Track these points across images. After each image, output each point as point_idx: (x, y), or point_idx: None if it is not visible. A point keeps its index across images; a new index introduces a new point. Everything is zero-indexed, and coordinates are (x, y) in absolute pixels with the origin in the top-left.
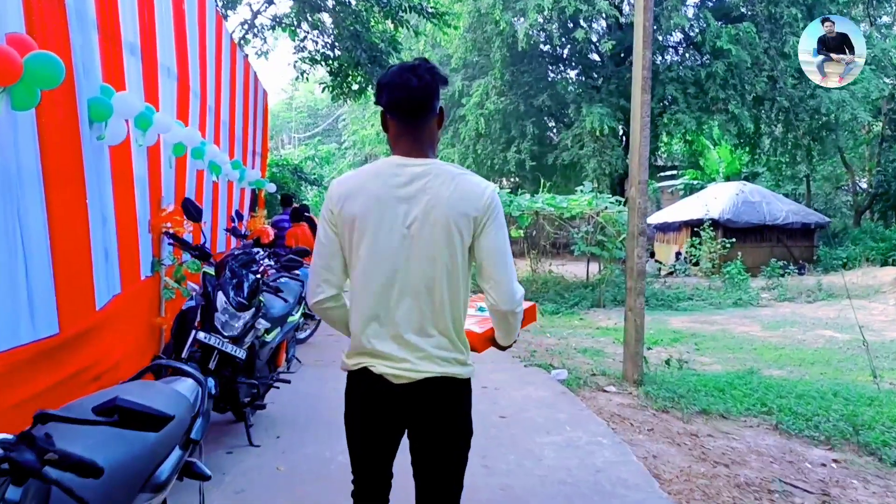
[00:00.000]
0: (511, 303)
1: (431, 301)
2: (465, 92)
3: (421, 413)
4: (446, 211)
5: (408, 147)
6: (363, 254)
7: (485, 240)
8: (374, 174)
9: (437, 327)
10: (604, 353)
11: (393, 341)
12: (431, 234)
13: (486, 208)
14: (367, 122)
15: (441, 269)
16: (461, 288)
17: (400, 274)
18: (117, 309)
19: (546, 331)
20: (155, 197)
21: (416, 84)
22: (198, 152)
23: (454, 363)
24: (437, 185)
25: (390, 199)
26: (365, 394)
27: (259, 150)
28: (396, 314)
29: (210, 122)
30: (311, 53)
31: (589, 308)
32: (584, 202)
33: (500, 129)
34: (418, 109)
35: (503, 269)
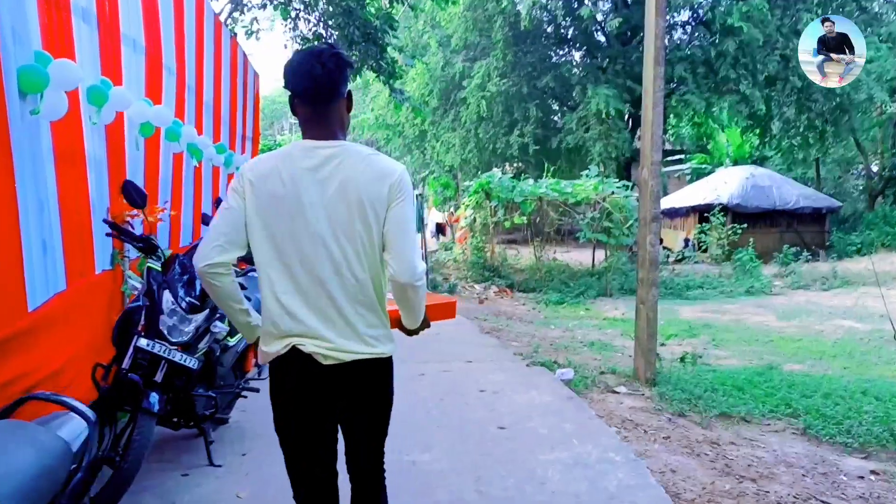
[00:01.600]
0: (411, 274)
1: (353, 278)
2: (465, 74)
3: (351, 393)
4: (360, 189)
5: (317, 131)
6: (279, 233)
7: (395, 215)
8: (286, 156)
9: (359, 304)
10: (612, 347)
11: (318, 321)
12: (347, 212)
13: (399, 186)
14: (365, 106)
15: (359, 247)
16: (379, 265)
17: (319, 253)
18: (61, 308)
19: (550, 322)
20: (116, 181)
21: (320, 71)
22: (172, 133)
23: (380, 341)
24: (349, 166)
25: (304, 180)
26: (297, 375)
27: (250, 134)
28: (318, 294)
29: (190, 103)
30: (303, 32)
31: (595, 297)
32: (590, 187)
33: (503, 112)
34: (324, 95)
35: (403, 239)
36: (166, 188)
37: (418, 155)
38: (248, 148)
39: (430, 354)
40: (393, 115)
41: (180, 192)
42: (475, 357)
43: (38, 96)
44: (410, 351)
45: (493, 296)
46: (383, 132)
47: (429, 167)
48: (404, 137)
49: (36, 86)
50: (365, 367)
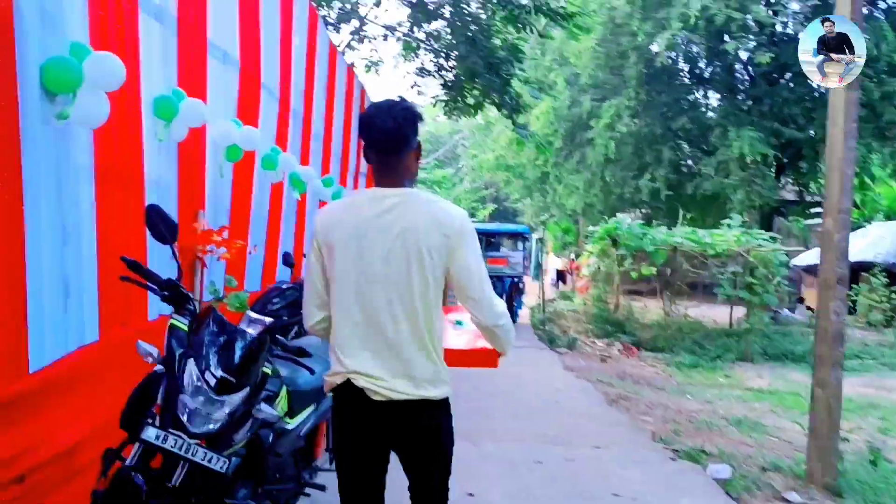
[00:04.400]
0: (494, 317)
1: (409, 322)
2: (593, 113)
3: (401, 432)
4: (418, 237)
5: (385, 180)
6: (343, 279)
7: (459, 262)
8: (352, 205)
9: (415, 347)
10: (764, 428)
11: (372, 359)
12: (405, 259)
13: (458, 233)
14: (487, 147)
15: (417, 292)
16: (435, 309)
17: (379, 297)
18: (85, 365)
19: (685, 390)
20: (188, 211)
21: (391, 125)
22: (268, 161)
23: (432, 384)
24: (410, 213)
25: (367, 228)
26: (349, 407)
27: (364, 170)
28: (374, 335)
29: (295, 131)
30: (423, 64)
31: (734, 362)
32: (732, 238)
33: (633, 154)
34: (394, 147)
35: (473, 283)
36: (259, 223)
37: (539, 198)
38: (362, 184)
39: (549, 429)
40: (514, 156)
41: (278, 228)
42: (603, 440)
43: (70, 96)
44: (526, 422)
45: (616, 354)
46: (503, 173)
47: (549, 210)
48: (525, 179)
49: (66, 84)
50: (416, 407)
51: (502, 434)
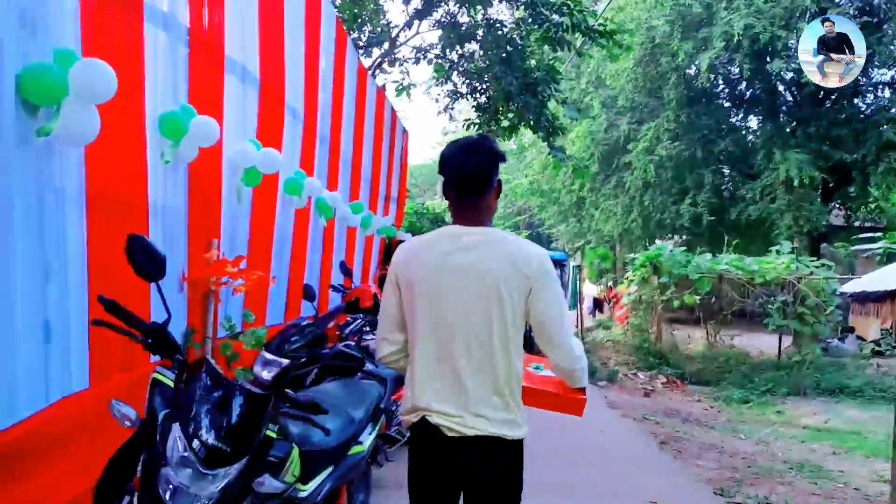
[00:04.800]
0: (572, 360)
1: (485, 361)
2: (631, 136)
3: (473, 469)
4: (496, 276)
5: (465, 218)
6: (420, 316)
7: (538, 303)
8: (432, 242)
9: (490, 387)
10: (828, 474)
11: (448, 398)
12: (483, 298)
13: (537, 273)
14: (520, 172)
15: (495, 332)
16: (513, 349)
17: (455, 335)
18: (75, 416)
19: (737, 429)
20: (199, 239)
21: (475, 164)
22: (293, 185)
23: (506, 424)
24: (490, 252)
25: (446, 265)
26: (424, 444)
27: (395, 195)
28: (449, 373)
29: (322, 155)
30: (456, 86)
31: (786, 396)
32: (781, 266)
33: (672, 178)
34: (475, 186)
35: (553, 326)
36: (282, 252)
37: (574, 223)
38: (393, 210)
39: (598, 480)
40: (549, 181)
41: (303, 257)
42: (659, 493)
43: (53, 109)
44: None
45: (660, 387)
46: (537, 199)
47: (584, 236)
48: (560, 204)
49: (48, 95)
50: (489, 444)
51: (546, 487)
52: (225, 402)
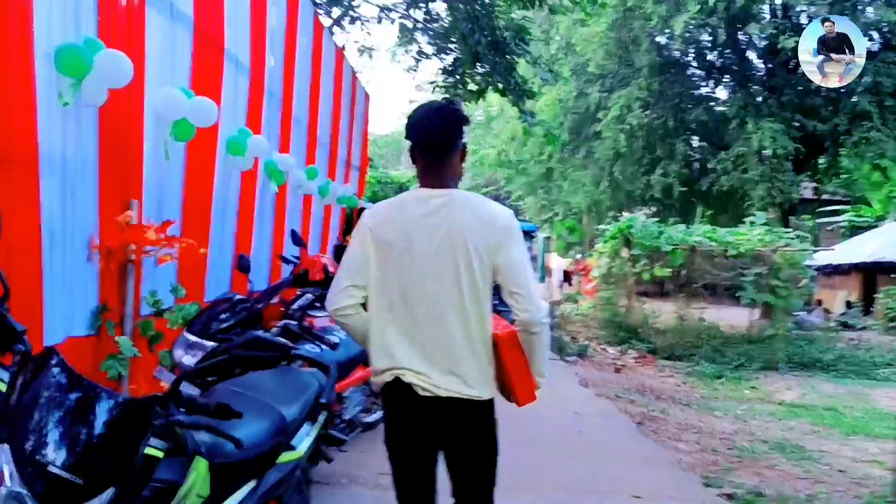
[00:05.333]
0: (537, 313)
1: (457, 321)
2: (602, 105)
3: (447, 430)
4: (465, 236)
5: (432, 181)
6: (389, 278)
7: (504, 258)
8: (400, 205)
9: (462, 346)
10: (810, 455)
11: (420, 357)
12: (452, 258)
13: (503, 229)
14: (487, 143)
15: (463, 292)
16: (484, 308)
17: (424, 296)
18: None
19: (712, 406)
20: (114, 200)
21: (439, 127)
22: (236, 144)
23: (479, 384)
24: (456, 213)
25: (416, 227)
26: (398, 404)
27: (356, 162)
28: (420, 333)
29: (271, 112)
30: (420, 47)
31: (759, 371)
32: (756, 237)
33: (643, 148)
34: (441, 148)
35: (520, 280)
36: (225, 218)
37: (542, 195)
38: (354, 178)
39: (575, 471)
40: (517, 151)
41: (250, 226)
42: (641, 484)
43: None
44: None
45: (631, 363)
46: (505, 170)
47: (553, 209)
48: (528, 176)
49: None
50: (462, 406)
51: (521, 483)
52: (81, 411)
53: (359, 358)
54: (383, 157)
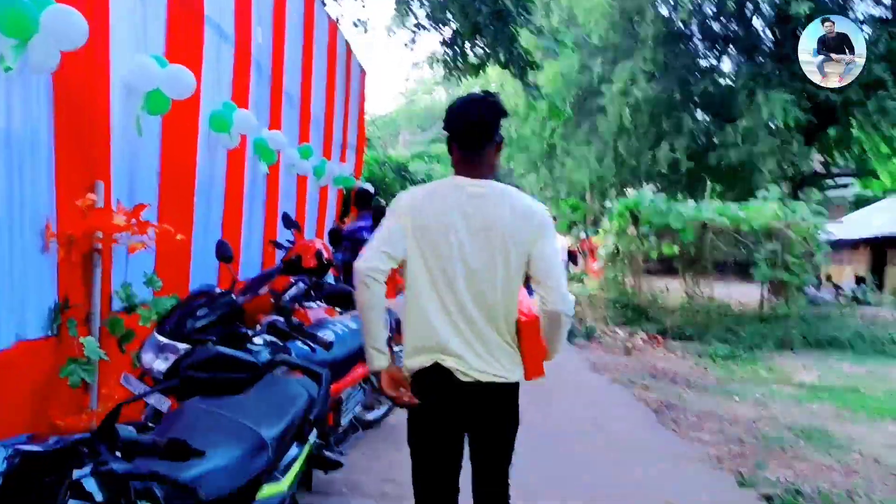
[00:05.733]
0: (564, 304)
1: (493, 308)
2: (605, 78)
3: (481, 412)
4: (503, 227)
5: (468, 171)
6: (424, 264)
7: (538, 251)
8: (435, 192)
9: (498, 332)
10: (838, 441)
11: (460, 341)
12: (489, 247)
13: (539, 225)
14: None
15: (498, 280)
16: (515, 297)
17: (463, 282)
18: None
19: (728, 388)
20: (74, 181)
21: (477, 115)
22: (220, 120)
23: (512, 367)
24: (494, 204)
25: (453, 214)
26: (436, 389)
27: (353, 141)
28: (460, 318)
29: (260, 87)
30: (418, 19)
31: (773, 350)
32: (770, 212)
33: (648, 122)
34: (478, 140)
35: (552, 273)
36: (211, 201)
37: (545, 173)
38: (351, 158)
39: (598, 475)
40: (518, 128)
41: (238, 209)
42: (671, 488)
43: None
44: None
45: (641, 344)
46: (505, 149)
47: (555, 187)
48: (529, 153)
49: None
50: (498, 389)
51: (537, 487)
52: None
53: (358, 354)
54: (381, 139)
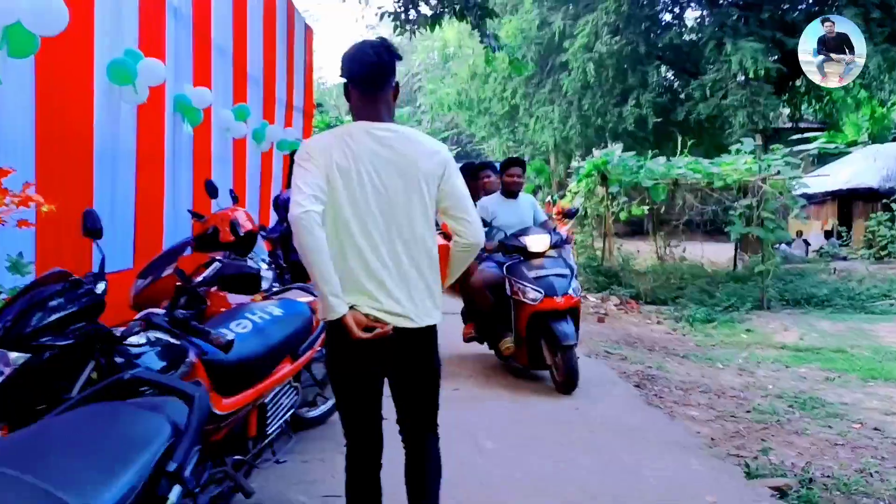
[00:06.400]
0: (480, 235)
1: (411, 249)
2: (567, 33)
3: (400, 356)
4: (414, 166)
5: (368, 114)
6: (343, 203)
7: (449, 187)
8: (345, 134)
9: (417, 274)
10: (833, 410)
11: (377, 285)
12: (403, 186)
13: (445, 160)
14: (445, 84)
15: (414, 218)
16: (431, 236)
17: (378, 223)
18: None
19: (711, 355)
20: None
21: (373, 59)
22: (120, 70)
23: (431, 311)
24: (403, 145)
25: (363, 156)
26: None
27: (300, 104)
28: (378, 265)
29: (179, 36)
30: None
31: (750, 311)
32: (744, 166)
33: (613, 77)
34: (375, 81)
35: (465, 206)
36: (116, 167)
37: (507, 135)
38: (298, 122)
39: (588, 475)
40: (478, 89)
41: (159, 176)
42: (666, 481)
43: None
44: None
45: (614, 310)
46: (465, 112)
47: (519, 150)
48: (491, 115)
49: None
50: (416, 334)
51: (511, 493)
52: None
53: (283, 347)
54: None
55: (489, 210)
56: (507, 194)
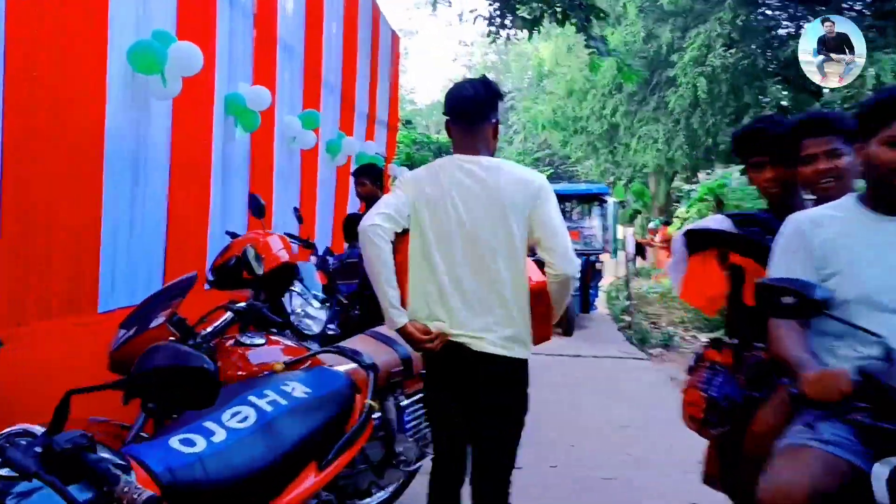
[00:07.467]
0: (574, 268)
1: (493, 279)
2: (675, 46)
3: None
4: (498, 197)
5: (464, 148)
6: (428, 233)
7: (538, 217)
8: (438, 168)
9: (498, 303)
10: None
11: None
12: (491, 218)
13: (539, 190)
14: (538, 99)
15: (502, 249)
16: (520, 267)
17: (466, 253)
18: None
19: None
20: None
21: (471, 94)
22: (143, 57)
23: (516, 342)
24: (493, 177)
25: (450, 188)
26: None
27: (384, 117)
28: (455, 289)
29: (235, 31)
30: None
31: None
32: None
33: (727, 94)
34: (471, 117)
35: (556, 235)
36: (140, 172)
37: (605, 156)
38: (382, 136)
39: None
40: (576, 107)
41: (202, 186)
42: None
43: None
44: None
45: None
46: (559, 133)
47: (617, 172)
48: (588, 134)
49: None
50: (499, 363)
51: None
52: None
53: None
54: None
55: None
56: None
